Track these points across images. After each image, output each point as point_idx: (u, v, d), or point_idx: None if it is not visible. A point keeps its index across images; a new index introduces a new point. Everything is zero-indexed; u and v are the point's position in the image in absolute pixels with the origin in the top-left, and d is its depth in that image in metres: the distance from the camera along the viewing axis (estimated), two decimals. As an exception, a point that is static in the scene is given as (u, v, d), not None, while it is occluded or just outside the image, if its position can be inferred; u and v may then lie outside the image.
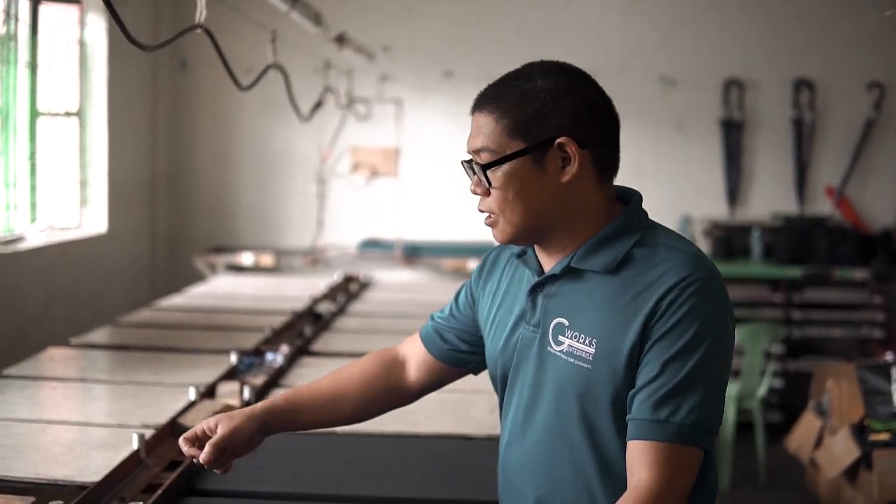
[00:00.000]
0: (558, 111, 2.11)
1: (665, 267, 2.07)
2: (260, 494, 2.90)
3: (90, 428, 3.49)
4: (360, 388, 2.49)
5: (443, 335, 2.47)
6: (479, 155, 2.15)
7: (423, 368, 2.50)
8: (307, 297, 6.42)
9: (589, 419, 2.11)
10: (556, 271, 2.16)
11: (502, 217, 2.14)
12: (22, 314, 7.02)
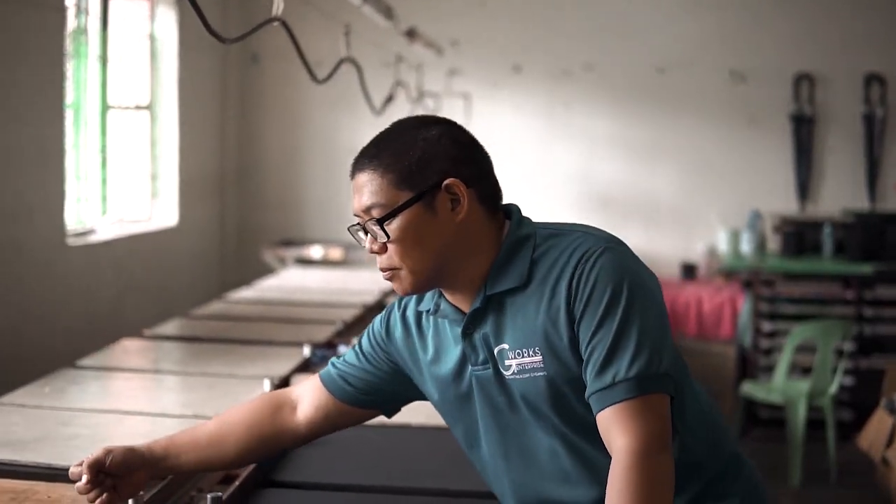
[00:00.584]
0: (438, 156, 2.19)
1: (566, 254, 2.15)
2: (335, 486, 2.90)
3: (166, 419, 3.50)
4: (244, 430, 2.53)
5: (347, 380, 2.49)
6: (370, 213, 2.17)
7: (321, 410, 2.52)
8: (377, 290, 6.43)
9: (571, 419, 2.15)
10: (478, 305, 2.22)
11: (404, 267, 2.18)
12: (94, 306, 7.08)
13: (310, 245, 9.02)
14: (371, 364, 2.46)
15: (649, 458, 1.99)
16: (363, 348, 2.49)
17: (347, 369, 2.49)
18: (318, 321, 5.36)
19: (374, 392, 2.47)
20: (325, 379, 2.51)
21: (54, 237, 6.60)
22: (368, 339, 2.49)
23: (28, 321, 6.22)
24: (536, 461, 2.24)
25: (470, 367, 2.26)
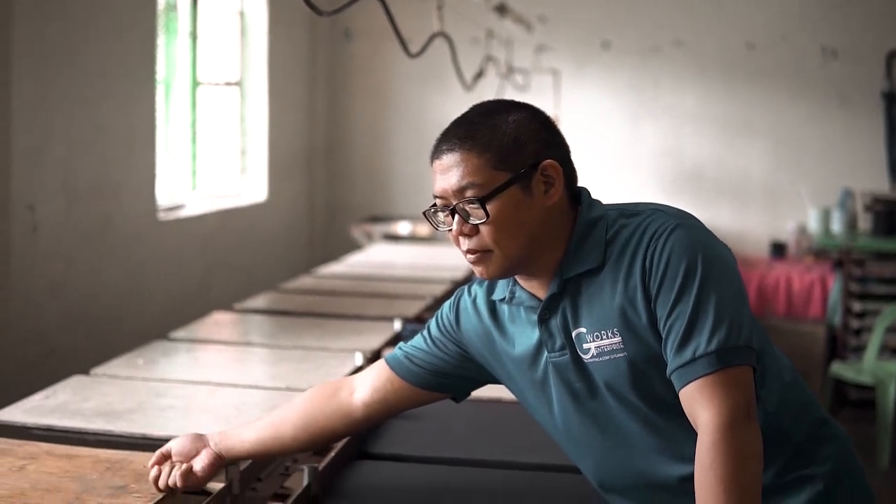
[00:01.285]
0: (532, 138, 2.17)
1: (638, 233, 2.13)
2: (428, 459, 2.90)
3: (258, 391, 3.52)
4: (300, 415, 2.53)
5: (414, 361, 2.46)
6: (463, 193, 2.13)
7: (379, 392, 2.49)
8: (465, 266, 6.41)
9: (653, 399, 2.13)
10: (555, 290, 2.19)
11: (496, 250, 2.15)
12: (184, 280, 7.15)
13: (397, 221, 9.03)
14: (439, 350, 2.44)
15: (735, 430, 1.96)
16: (432, 334, 2.47)
17: (415, 353, 2.47)
18: (408, 296, 5.36)
19: (443, 375, 2.45)
20: (391, 361, 2.50)
21: (145, 212, 6.65)
22: (437, 325, 2.47)
23: (119, 295, 6.28)
24: (618, 443, 2.21)
25: (546, 354, 2.24)
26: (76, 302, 5.75)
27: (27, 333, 5.30)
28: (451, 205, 2.16)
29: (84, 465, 2.71)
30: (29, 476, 2.63)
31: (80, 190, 5.81)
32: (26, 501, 2.46)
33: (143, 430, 3.04)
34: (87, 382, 3.60)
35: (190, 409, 3.33)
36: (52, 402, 3.34)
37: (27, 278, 5.27)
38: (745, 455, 1.95)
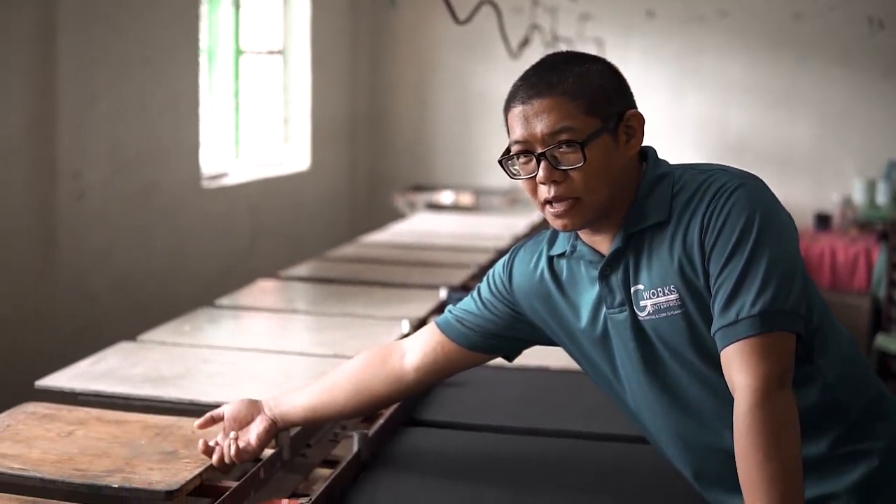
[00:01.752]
0: (615, 88, 2.15)
1: (702, 190, 2.10)
2: (477, 427, 2.88)
3: (306, 357, 3.52)
4: (352, 379, 2.53)
5: (464, 323, 2.44)
6: (556, 137, 2.09)
7: (430, 356, 2.48)
8: (508, 235, 6.40)
9: (709, 359, 2.09)
10: (619, 244, 2.17)
11: (586, 197, 2.11)
12: (228, 247, 7.16)
13: (440, 190, 9.02)
14: (490, 311, 2.42)
15: (768, 397, 1.93)
16: (482, 295, 2.44)
17: (466, 315, 2.45)
18: (453, 265, 5.35)
19: (494, 337, 2.43)
20: (441, 324, 2.48)
21: (189, 180, 6.67)
22: (489, 286, 2.44)
23: (165, 262, 6.30)
24: (676, 403, 2.19)
25: (605, 310, 2.22)
26: (122, 269, 5.77)
27: (74, 300, 5.33)
28: (536, 150, 2.13)
29: (133, 431, 2.71)
30: (78, 441, 2.64)
31: (125, 157, 5.83)
32: (76, 466, 2.47)
33: (192, 396, 3.04)
34: (133, 349, 3.61)
35: (237, 375, 3.33)
36: (100, 368, 3.35)
37: (74, 245, 5.29)
38: (780, 422, 1.93)
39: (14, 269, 4.92)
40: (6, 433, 2.69)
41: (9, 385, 4.50)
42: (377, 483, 2.45)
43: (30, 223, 5.02)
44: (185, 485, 2.38)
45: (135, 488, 2.35)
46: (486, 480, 2.47)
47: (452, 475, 2.50)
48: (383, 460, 2.58)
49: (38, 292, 5.06)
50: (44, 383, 3.19)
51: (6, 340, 4.82)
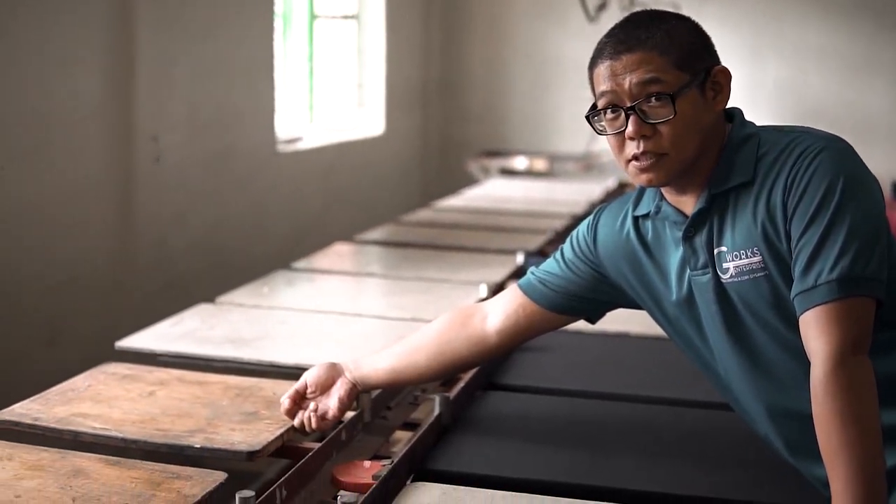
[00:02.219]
0: (701, 43, 2.13)
1: (787, 152, 2.07)
2: (556, 391, 2.86)
3: (383, 321, 3.52)
4: (434, 342, 2.52)
5: (547, 285, 2.41)
6: (649, 91, 2.06)
7: (512, 318, 2.45)
8: (584, 201, 6.37)
9: (794, 324, 2.03)
10: (703, 204, 2.13)
11: (673, 152, 2.08)
12: (302, 211, 7.18)
13: (514, 156, 8.98)
14: (573, 273, 2.39)
15: (844, 362, 1.90)
16: (565, 257, 2.42)
17: (548, 277, 2.42)
18: (528, 230, 5.32)
19: (577, 299, 2.41)
20: (523, 286, 2.46)
21: (264, 144, 6.68)
22: (572, 247, 2.41)
23: (241, 224, 6.32)
24: (759, 368, 2.16)
25: (689, 272, 2.19)
26: (199, 231, 5.80)
27: (152, 262, 5.36)
28: (625, 105, 2.10)
29: (214, 392, 2.72)
30: (159, 402, 2.65)
31: (201, 121, 5.85)
32: (157, 426, 2.48)
33: (272, 357, 3.05)
34: (212, 310, 3.62)
35: (316, 337, 3.33)
36: (180, 329, 3.36)
37: (152, 208, 5.32)
38: (857, 387, 1.89)
39: (93, 231, 4.95)
40: (87, 393, 2.70)
41: (89, 346, 4.55)
42: (458, 446, 2.44)
43: (108, 186, 5.05)
44: (267, 446, 2.38)
45: (216, 448, 2.36)
46: (566, 444, 2.46)
47: (532, 439, 2.49)
48: (464, 423, 2.57)
49: (116, 254, 5.10)
50: (124, 344, 3.20)
51: (86, 302, 4.86)
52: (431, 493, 2.12)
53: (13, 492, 2.08)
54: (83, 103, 4.90)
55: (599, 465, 2.34)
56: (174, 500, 2.05)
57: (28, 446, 2.34)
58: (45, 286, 4.56)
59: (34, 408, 2.59)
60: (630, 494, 2.17)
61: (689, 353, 2.32)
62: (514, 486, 2.19)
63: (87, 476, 2.17)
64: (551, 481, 2.23)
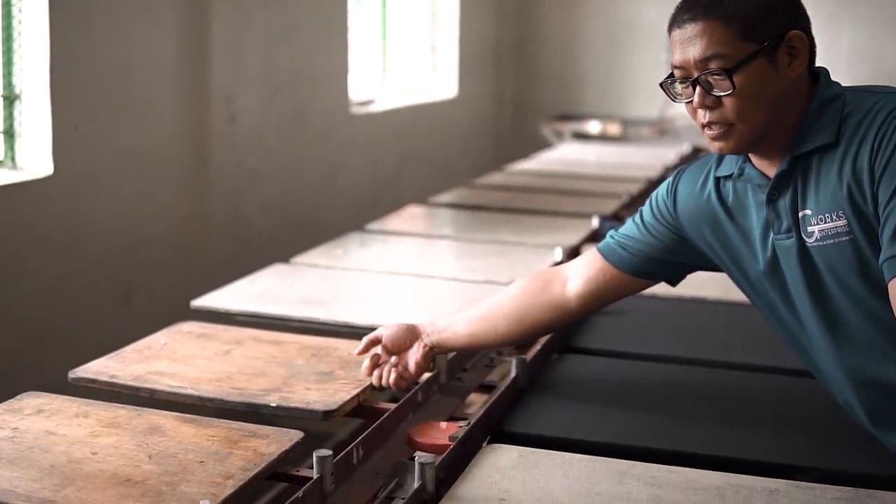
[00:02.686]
0: (776, 8, 2.06)
1: (872, 113, 2.01)
2: (632, 355, 2.84)
3: (458, 283, 3.50)
4: (514, 307, 2.50)
5: (626, 249, 2.38)
6: (708, 64, 2.02)
7: (592, 282, 2.43)
8: (659, 165, 6.31)
9: (881, 291, 1.98)
10: (785, 167, 2.09)
11: (739, 124, 2.04)
12: (375, 173, 7.18)
13: (588, 120, 8.92)
14: (652, 235, 2.36)
15: None
16: (644, 219, 2.39)
17: (627, 240, 2.39)
18: (603, 194, 5.29)
19: (657, 262, 2.38)
20: (603, 249, 2.43)
21: (338, 106, 6.68)
22: (651, 210, 2.38)
23: (314, 186, 6.33)
24: (843, 336, 2.12)
25: (773, 236, 2.15)
26: (273, 192, 5.81)
27: (227, 222, 5.38)
28: (692, 76, 2.06)
29: (290, 351, 2.73)
30: (235, 360, 2.66)
31: (276, 82, 5.85)
32: (234, 385, 2.49)
33: (347, 318, 3.04)
34: (287, 271, 3.63)
35: (391, 299, 3.33)
36: (255, 289, 3.37)
37: (226, 168, 5.33)
38: None
39: (169, 191, 4.98)
40: (163, 351, 2.72)
41: (164, 305, 4.58)
42: (535, 409, 2.43)
43: (183, 146, 5.07)
44: (343, 405, 2.38)
45: (293, 407, 2.36)
46: (644, 409, 2.44)
47: (609, 403, 2.47)
48: (540, 386, 2.56)
49: (192, 214, 5.12)
50: (199, 303, 3.22)
51: (161, 261, 4.89)
52: (509, 455, 2.11)
53: (90, 448, 2.09)
54: (159, 64, 4.91)
55: (677, 430, 2.32)
56: (251, 458, 2.05)
57: (104, 403, 2.35)
58: (120, 246, 4.59)
59: (110, 365, 2.61)
60: (707, 459, 2.15)
61: (770, 318, 2.28)
62: (591, 449, 2.17)
63: (163, 433, 2.18)
64: (628, 445, 2.21)
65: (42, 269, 4.15)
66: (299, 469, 2.11)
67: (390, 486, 1.97)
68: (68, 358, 2.86)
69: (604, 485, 1.97)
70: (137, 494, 1.87)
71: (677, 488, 1.96)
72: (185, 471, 1.99)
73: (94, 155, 4.40)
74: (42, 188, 4.18)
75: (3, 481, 1.92)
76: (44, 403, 2.35)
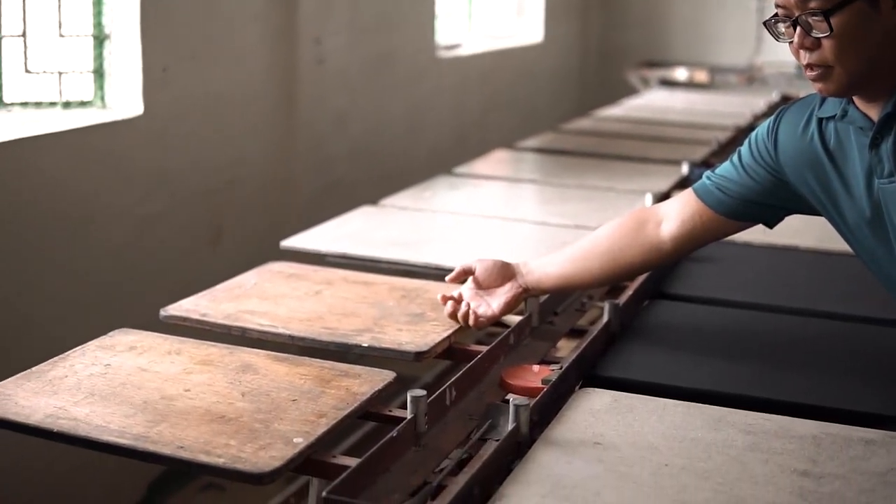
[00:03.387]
0: None
1: None
2: (723, 302, 2.81)
3: (547, 227, 3.48)
4: (608, 248, 2.46)
5: (723, 190, 2.32)
6: (807, 5, 1.97)
7: (688, 224, 2.38)
8: (748, 113, 6.23)
9: None
10: (890, 110, 2.03)
11: (838, 66, 1.99)
12: (461, 118, 7.16)
13: (674, 67, 8.82)
14: (751, 178, 2.31)
15: None
16: (742, 160, 2.33)
17: (724, 182, 2.34)
18: (691, 141, 5.23)
19: (754, 204, 2.33)
20: (699, 190, 2.39)
21: (425, 49, 6.66)
22: (750, 151, 2.32)
23: (400, 129, 6.32)
24: None
25: (876, 181, 2.10)
26: (360, 135, 5.81)
27: (313, 163, 5.39)
28: (793, 16, 2.02)
29: (380, 293, 2.72)
30: (326, 300, 2.66)
31: (363, 25, 5.83)
32: (325, 325, 2.49)
33: (437, 260, 3.03)
34: (376, 213, 3.63)
35: (480, 241, 3.32)
36: (344, 230, 3.37)
37: (314, 110, 5.33)
38: None
39: (257, 132, 4.99)
40: (253, 290, 2.73)
41: (251, 245, 4.60)
42: (627, 353, 2.40)
43: (271, 88, 5.07)
44: (434, 347, 2.37)
45: (384, 348, 2.36)
46: (737, 356, 2.40)
47: (701, 349, 2.44)
48: (632, 331, 2.53)
49: (279, 156, 5.13)
50: (289, 244, 3.23)
51: (249, 201, 4.91)
52: (602, 399, 2.09)
53: (183, 385, 2.11)
54: (248, 5, 4.91)
55: (770, 378, 2.29)
56: (343, 397, 2.05)
57: (196, 341, 2.37)
58: (208, 186, 4.61)
59: (202, 303, 2.62)
60: (802, 408, 2.11)
61: (870, 264, 2.24)
62: (684, 395, 2.15)
63: (255, 372, 2.19)
64: (723, 392, 2.18)
65: (131, 209, 4.18)
66: (391, 409, 2.11)
67: (483, 427, 1.96)
68: (157, 296, 2.89)
69: (699, 431, 1.95)
70: (231, 431, 1.88)
71: (773, 436, 1.94)
72: (278, 409, 1.99)
73: (182, 95, 4.42)
74: (131, 128, 4.20)
75: (96, 417, 1.94)
76: (136, 340, 2.37)
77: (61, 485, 3.92)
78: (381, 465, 1.77)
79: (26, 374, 2.15)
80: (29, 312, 3.70)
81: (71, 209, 3.89)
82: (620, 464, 1.80)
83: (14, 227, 3.65)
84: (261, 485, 1.76)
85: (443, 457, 1.88)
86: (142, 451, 1.82)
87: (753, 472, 1.79)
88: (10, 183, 3.65)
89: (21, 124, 3.88)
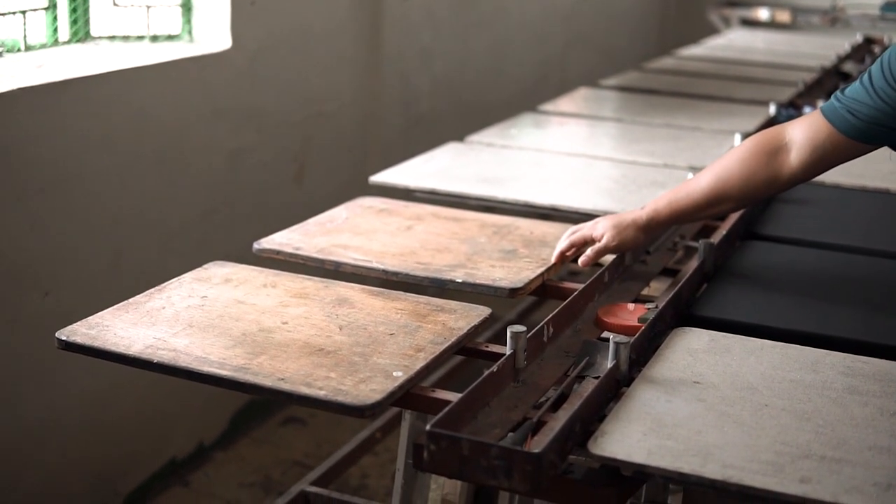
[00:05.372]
0: None
1: None
2: (821, 245, 2.78)
3: (636, 166, 3.46)
4: (740, 183, 2.39)
5: (853, 113, 2.25)
6: None
7: (818, 150, 2.32)
8: (832, 55, 6.14)
9: None
10: None
11: None
12: (542, 54, 7.11)
13: (756, 6, 8.70)
14: (885, 102, 2.22)
15: None
16: (875, 84, 2.24)
17: (856, 105, 2.26)
18: (777, 82, 5.17)
19: (885, 129, 2.25)
20: (830, 116, 2.31)
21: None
22: (882, 72, 2.24)
23: (484, 65, 6.28)
24: None
25: None
26: (444, 70, 5.79)
27: (398, 98, 5.38)
28: None
29: (471, 229, 2.73)
30: (417, 236, 2.67)
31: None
32: (418, 260, 2.50)
33: (526, 197, 3.03)
34: (463, 149, 3.63)
35: (569, 180, 3.30)
36: (432, 166, 3.37)
37: (398, 45, 5.31)
38: None
39: (342, 67, 4.98)
40: (345, 225, 2.74)
41: (336, 181, 4.61)
42: (723, 294, 2.39)
43: (357, 23, 5.05)
44: (529, 283, 2.38)
45: (479, 284, 2.37)
46: (832, 298, 2.39)
47: (797, 291, 2.42)
48: (726, 272, 2.52)
49: (364, 90, 5.12)
50: (378, 179, 3.22)
51: (334, 136, 4.91)
52: (700, 338, 2.09)
53: (280, 318, 2.13)
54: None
55: (868, 321, 2.27)
56: (440, 332, 2.06)
57: (290, 274, 2.39)
58: (292, 121, 4.62)
59: (294, 237, 2.64)
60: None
61: None
62: (782, 336, 2.14)
63: (351, 305, 2.21)
64: (820, 334, 2.17)
65: (218, 143, 4.19)
66: (488, 345, 2.12)
67: (580, 364, 1.97)
68: (247, 230, 2.91)
69: (798, 372, 1.95)
70: (331, 364, 1.90)
71: (872, 379, 1.93)
72: (376, 342, 2.01)
73: (270, 29, 4.41)
74: (218, 62, 4.21)
75: (195, 348, 1.96)
76: (231, 273, 2.39)
77: (149, 416, 3.97)
78: (481, 400, 1.78)
79: (124, 306, 2.17)
80: (122, 245, 3.74)
81: (160, 142, 3.91)
82: (721, 403, 1.80)
83: (104, 161, 3.67)
84: (362, 417, 1.78)
85: (541, 393, 1.88)
86: (243, 382, 1.85)
87: (853, 414, 1.78)
88: (100, 116, 3.67)
89: (109, 58, 3.90)
